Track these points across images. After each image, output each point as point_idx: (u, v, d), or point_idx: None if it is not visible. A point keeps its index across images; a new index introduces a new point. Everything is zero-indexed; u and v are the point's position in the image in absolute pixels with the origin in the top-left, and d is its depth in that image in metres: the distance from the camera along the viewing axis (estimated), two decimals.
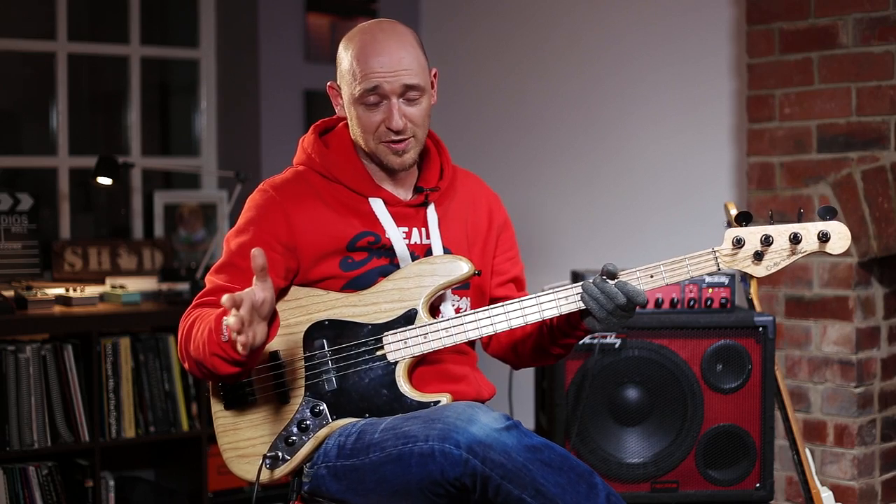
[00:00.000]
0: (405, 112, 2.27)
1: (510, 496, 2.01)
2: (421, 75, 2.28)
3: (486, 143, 4.72)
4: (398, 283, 2.28)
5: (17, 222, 4.06)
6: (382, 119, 2.27)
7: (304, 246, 2.28)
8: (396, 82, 2.25)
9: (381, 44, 2.26)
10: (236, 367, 2.13)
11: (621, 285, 2.17)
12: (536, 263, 4.48)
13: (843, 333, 3.60)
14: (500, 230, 2.49)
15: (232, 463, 2.31)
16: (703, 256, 2.22)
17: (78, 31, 4.46)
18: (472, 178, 2.52)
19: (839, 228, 2.19)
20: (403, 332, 2.26)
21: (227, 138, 4.71)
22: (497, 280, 2.48)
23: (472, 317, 2.25)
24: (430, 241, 2.35)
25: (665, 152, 4.18)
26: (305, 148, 2.39)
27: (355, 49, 2.28)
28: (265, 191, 2.33)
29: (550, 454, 2.04)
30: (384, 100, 2.26)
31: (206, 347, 2.12)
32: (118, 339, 3.78)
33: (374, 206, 2.33)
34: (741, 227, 2.21)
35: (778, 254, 2.20)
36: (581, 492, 2.02)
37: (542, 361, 2.46)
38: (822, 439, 3.66)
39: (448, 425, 2.05)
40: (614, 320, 2.20)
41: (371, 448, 2.16)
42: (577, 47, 4.45)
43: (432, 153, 2.45)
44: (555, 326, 2.33)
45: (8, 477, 3.55)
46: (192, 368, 2.21)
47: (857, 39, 3.50)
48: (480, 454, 2.01)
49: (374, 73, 2.24)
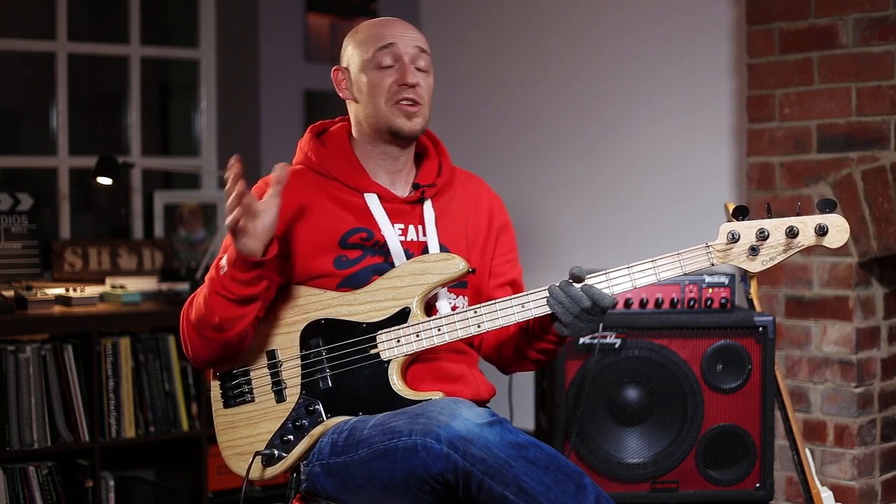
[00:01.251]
0: (418, 76, 2.33)
1: (492, 492, 1.99)
2: (429, 53, 2.37)
3: (486, 142, 4.72)
4: (392, 281, 2.28)
5: (17, 222, 4.06)
6: (395, 79, 2.31)
7: (297, 241, 2.29)
8: (410, 43, 2.33)
9: (393, 20, 2.38)
10: (238, 308, 2.14)
11: (587, 289, 2.17)
12: (536, 263, 4.48)
13: (843, 333, 3.60)
14: (500, 232, 2.50)
15: (230, 460, 2.32)
16: (695, 252, 2.20)
17: (78, 31, 4.46)
18: (475, 179, 2.53)
19: (837, 221, 2.15)
20: (396, 331, 2.26)
21: (227, 138, 4.71)
22: (495, 282, 2.48)
23: (463, 315, 2.25)
24: (427, 239, 2.36)
25: (665, 152, 4.18)
26: (302, 147, 2.43)
27: (367, 26, 2.38)
28: (259, 187, 2.35)
29: (536, 452, 2.02)
30: (397, 62, 2.32)
31: (207, 292, 2.17)
32: (118, 339, 3.78)
33: (368, 202, 2.34)
34: (737, 222, 2.18)
35: (774, 248, 2.16)
36: (568, 492, 2.00)
37: (524, 367, 2.46)
38: (822, 439, 3.65)
39: (431, 420, 2.05)
40: (581, 325, 2.19)
41: (360, 444, 2.16)
42: (576, 47, 4.45)
43: (430, 151, 2.46)
44: (529, 330, 2.34)
45: (8, 477, 3.55)
46: (195, 341, 2.21)
47: (857, 39, 3.50)
48: (461, 449, 2.00)
49: (388, 34, 2.34)
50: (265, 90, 4.57)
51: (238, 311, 2.16)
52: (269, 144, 4.56)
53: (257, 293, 2.17)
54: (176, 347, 3.88)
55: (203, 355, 2.24)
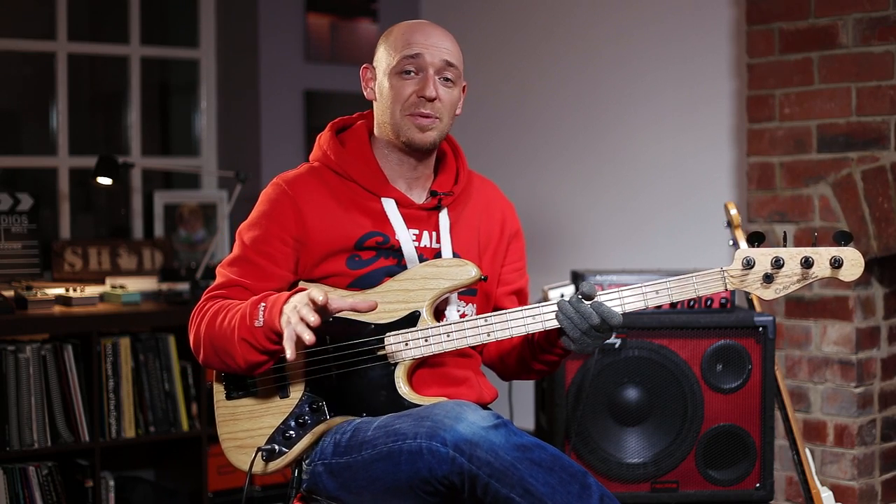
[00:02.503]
0: (439, 89, 2.30)
1: (498, 495, 2.00)
2: (458, 63, 2.33)
3: (486, 142, 4.72)
4: (404, 284, 2.28)
5: (17, 222, 4.06)
6: (416, 90, 2.29)
7: (313, 241, 2.28)
8: (437, 56, 2.29)
9: (428, 27, 2.34)
10: (261, 356, 2.14)
11: (596, 306, 2.16)
12: (537, 263, 4.47)
13: (843, 333, 3.60)
14: (511, 239, 2.49)
15: (230, 453, 2.32)
16: (711, 276, 2.20)
17: (78, 31, 4.46)
18: (489, 184, 2.52)
19: (853, 255, 2.16)
20: (405, 334, 2.25)
21: (227, 138, 4.71)
22: (503, 289, 2.48)
23: (473, 323, 2.25)
24: (441, 246, 2.35)
25: (665, 152, 4.18)
26: (322, 145, 2.40)
27: (401, 29, 2.35)
28: (278, 185, 2.34)
29: (541, 454, 2.03)
30: (421, 71, 2.29)
31: (237, 332, 2.14)
32: (118, 339, 3.78)
33: (385, 207, 2.33)
34: (752, 248, 2.18)
35: (788, 277, 2.17)
36: (573, 492, 2.00)
37: (526, 376, 2.46)
38: (822, 439, 3.66)
39: (436, 423, 2.05)
40: (589, 340, 2.19)
41: (363, 445, 2.16)
42: (576, 48, 4.45)
43: (449, 158, 2.45)
44: (535, 342, 2.34)
45: (8, 477, 3.55)
46: (209, 356, 2.22)
47: (857, 39, 3.50)
48: (467, 452, 2.00)
49: (417, 43, 2.30)
50: (265, 90, 4.57)
51: (263, 358, 2.17)
52: (269, 144, 4.56)
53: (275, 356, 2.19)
54: (176, 347, 3.88)
55: (215, 366, 2.26)
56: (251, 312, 2.13)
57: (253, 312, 2.13)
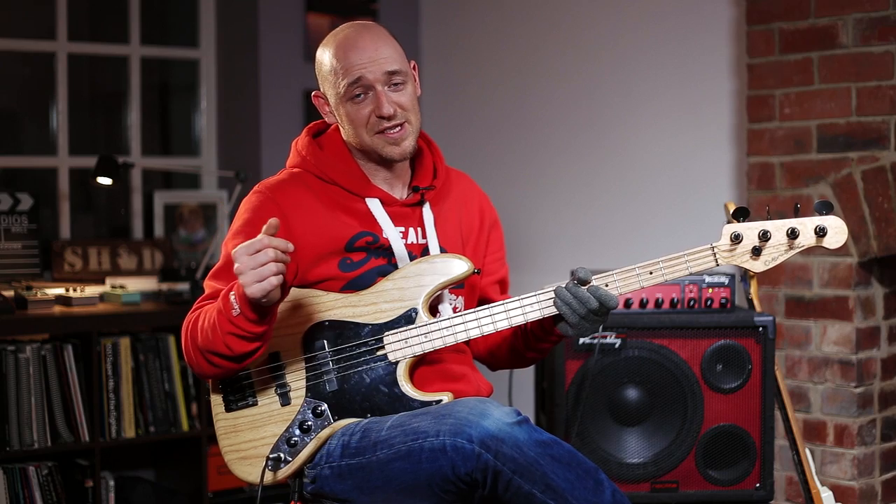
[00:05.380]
0: (393, 98, 2.28)
1: (520, 490, 2.03)
2: (400, 62, 2.31)
3: (486, 142, 4.72)
4: (397, 282, 2.28)
5: (17, 222, 4.06)
6: (372, 110, 2.28)
7: (302, 247, 2.27)
8: (378, 70, 2.27)
9: (356, 39, 2.29)
10: (252, 343, 2.12)
11: (593, 290, 2.19)
12: (536, 263, 4.48)
13: (843, 333, 3.60)
14: (491, 229, 2.52)
15: (234, 465, 2.31)
16: (701, 252, 2.23)
17: (78, 31, 4.46)
18: (463, 177, 2.54)
19: (835, 223, 2.20)
20: (404, 332, 2.26)
21: (227, 138, 4.71)
22: (488, 279, 2.50)
23: (472, 315, 2.26)
24: (427, 241, 2.36)
25: (665, 152, 4.18)
26: (300, 150, 2.40)
27: (332, 49, 2.31)
28: (260, 192, 2.33)
29: (559, 450, 2.06)
30: (370, 91, 2.27)
31: (219, 328, 2.12)
32: (118, 339, 3.78)
33: (371, 206, 2.33)
34: (739, 223, 2.22)
35: (776, 248, 2.22)
36: (588, 487, 2.05)
37: (517, 364, 2.48)
38: (822, 439, 3.66)
39: (460, 420, 2.06)
40: (587, 325, 2.22)
41: (378, 445, 2.16)
42: (576, 47, 4.45)
43: (425, 152, 2.46)
44: (529, 331, 2.35)
45: (8, 477, 3.55)
46: (202, 365, 2.19)
47: (857, 39, 3.50)
48: (493, 448, 2.02)
49: (354, 65, 2.27)
50: (265, 90, 4.57)
51: (254, 345, 2.15)
52: (269, 144, 4.56)
53: (271, 325, 2.16)
54: (176, 347, 3.88)
55: (210, 374, 2.23)
56: (225, 306, 2.11)
57: (227, 305, 2.11)
